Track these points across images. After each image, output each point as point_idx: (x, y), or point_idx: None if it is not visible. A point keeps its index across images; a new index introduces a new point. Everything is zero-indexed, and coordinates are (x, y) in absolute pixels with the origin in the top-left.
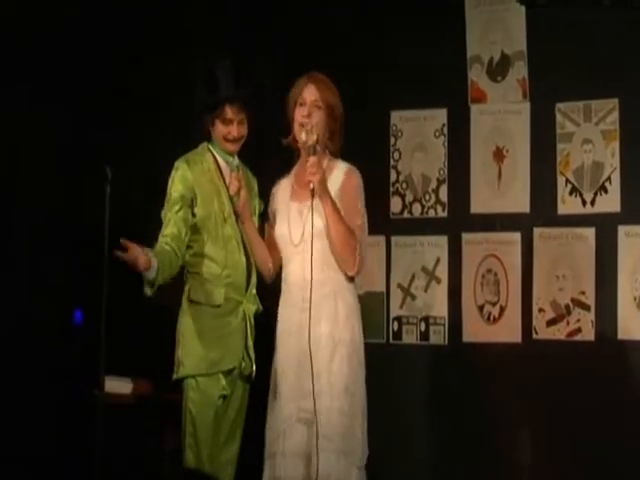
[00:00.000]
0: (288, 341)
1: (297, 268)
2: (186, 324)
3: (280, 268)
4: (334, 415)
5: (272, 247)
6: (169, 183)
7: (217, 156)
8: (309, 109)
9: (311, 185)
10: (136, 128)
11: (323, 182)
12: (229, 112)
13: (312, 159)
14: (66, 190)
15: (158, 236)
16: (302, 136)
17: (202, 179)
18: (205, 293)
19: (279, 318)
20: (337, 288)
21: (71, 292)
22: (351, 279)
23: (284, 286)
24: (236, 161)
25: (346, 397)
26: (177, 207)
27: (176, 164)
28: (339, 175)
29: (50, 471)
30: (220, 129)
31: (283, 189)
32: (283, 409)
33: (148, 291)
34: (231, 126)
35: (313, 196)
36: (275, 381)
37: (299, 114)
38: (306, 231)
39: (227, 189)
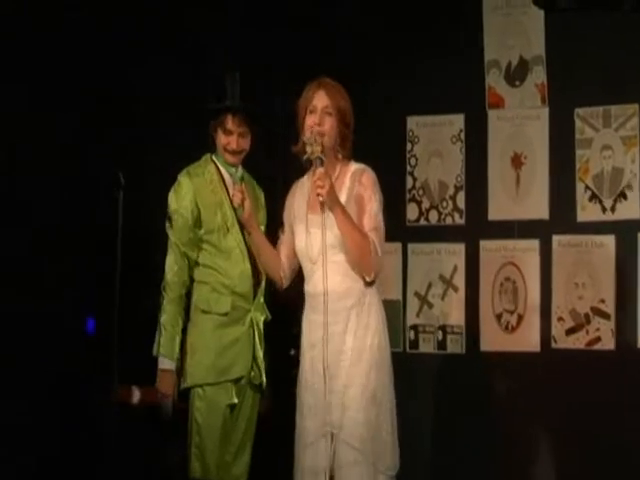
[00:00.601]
0: (311, 354)
1: (318, 281)
2: (193, 333)
3: (297, 274)
4: (362, 427)
5: (286, 254)
6: (171, 197)
7: (220, 167)
8: (320, 116)
9: (320, 198)
10: (149, 132)
11: (332, 193)
12: (230, 122)
13: (319, 172)
14: (78, 197)
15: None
16: (307, 149)
17: (204, 191)
18: (211, 302)
19: (303, 330)
20: (361, 298)
21: (84, 300)
22: (371, 285)
23: (306, 298)
24: (240, 172)
25: (373, 407)
26: (184, 235)
27: (179, 178)
28: (353, 176)
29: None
30: (221, 139)
31: (299, 198)
32: (308, 423)
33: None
34: (231, 137)
35: (323, 209)
36: (300, 395)
37: (310, 121)
38: (328, 248)
39: (230, 200)
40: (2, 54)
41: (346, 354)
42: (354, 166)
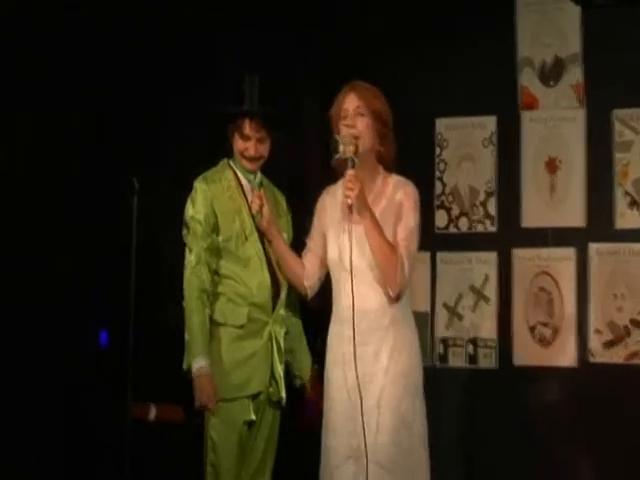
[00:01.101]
0: (338, 374)
1: (349, 296)
2: (210, 346)
3: (322, 284)
4: (393, 450)
5: (313, 262)
6: (188, 204)
7: (238, 173)
8: (352, 118)
9: (349, 201)
10: (164, 136)
11: (361, 197)
12: (247, 127)
13: (350, 173)
14: (90, 203)
15: (185, 263)
16: (339, 147)
17: (222, 197)
18: (227, 313)
19: (328, 347)
20: (397, 316)
21: (97, 312)
22: (405, 302)
23: (335, 311)
24: (258, 179)
25: (404, 430)
26: (203, 243)
27: (195, 184)
28: (396, 186)
29: None
30: (239, 144)
31: (332, 205)
32: (335, 444)
33: None
34: (249, 142)
35: (351, 212)
36: (327, 414)
37: (343, 126)
38: (357, 257)
39: (249, 206)
40: (4, 54)
41: (378, 375)
42: (397, 177)
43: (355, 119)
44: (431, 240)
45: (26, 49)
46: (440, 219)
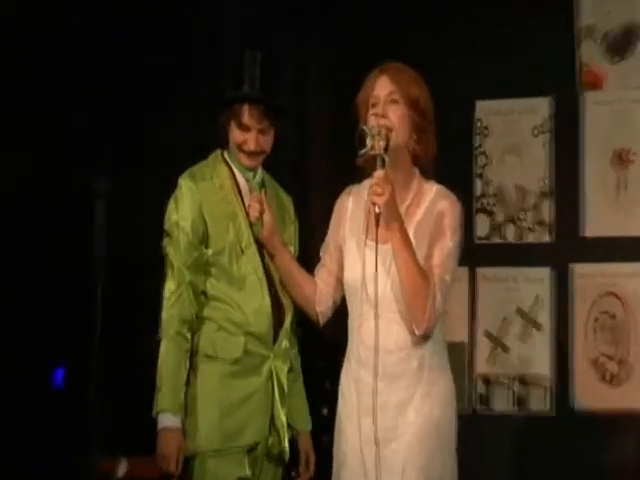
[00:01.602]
0: (352, 429)
1: (371, 333)
2: (194, 385)
3: (336, 308)
4: None
5: (327, 281)
6: (170, 206)
7: (234, 168)
8: (384, 107)
9: (376, 209)
10: (137, 122)
11: (391, 204)
12: (246, 115)
13: (378, 174)
14: (43, 207)
15: (164, 280)
16: (367, 141)
17: (213, 199)
18: (218, 344)
19: (341, 394)
20: (426, 357)
21: (51, 345)
22: (428, 338)
23: (351, 350)
24: (259, 177)
25: None
26: (187, 257)
27: (180, 181)
28: (437, 196)
29: None
30: (236, 136)
31: (356, 209)
32: None
33: None
34: (248, 134)
35: (378, 224)
36: (338, 474)
37: (372, 116)
38: (386, 285)
39: (246, 212)
40: None
41: (403, 431)
42: (437, 186)
43: (387, 108)
44: (469, 253)
45: None
46: (480, 226)
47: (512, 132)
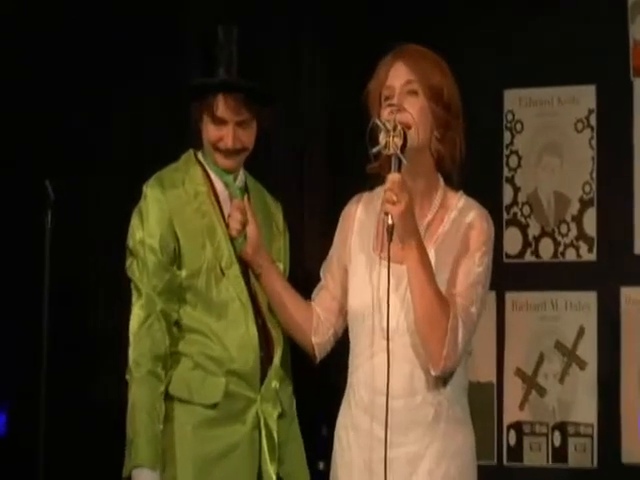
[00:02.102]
0: None
1: (381, 374)
2: (166, 434)
3: (336, 341)
4: None
5: (328, 307)
6: (134, 221)
7: (210, 172)
8: (400, 97)
9: (389, 220)
10: (94, 118)
11: (407, 214)
12: (221, 106)
13: (393, 177)
14: None
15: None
16: (380, 138)
17: (186, 210)
18: (193, 385)
19: (339, 447)
20: (444, 403)
21: None
22: (448, 380)
23: (352, 393)
24: (241, 181)
25: None
26: (157, 281)
27: (144, 189)
28: (465, 209)
29: None
30: (210, 131)
31: (366, 221)
32: None
33: None
34: (224, 129)
35: (391, 238)
36: None
37: (386, 108)
38: (400, 313)
39: (227, 224)
40: None
41: None
42: (465, 197)
43: (404, 100)
44: (497, 274)
45: None
46: (511, 242)
47: (550, 127)
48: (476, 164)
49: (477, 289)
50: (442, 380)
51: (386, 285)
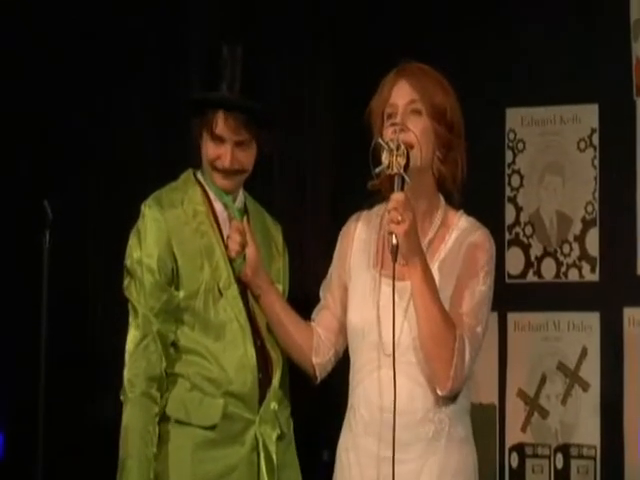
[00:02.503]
0: None
1: (386, 392)
2: (162, 458)
3: (337, 360)
4: None
5: (327, 327)
6: (132, 241)
7: (209, 192)
8: (403, 117)
9: (394, 240)
10: (91, 138)
11: (412, 235)
12: (221, 124)
13: (397, 197)
14: None
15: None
16: (383, 157)
17: (184, 230)
18: (191, 407)
19: (341, 460)
20: (445, 422)
21: None
22: (453, 400)
23: (353, 414)
24: (240, 202)
25: None
26: (154, 302)
27: (143, 209)
28: (467, 231)
29: None
30: (208, 149)
31: (365, 239)
32: None
33: None
34: (222, 147)
35: (395, 258)
36: None
37: (389, 128)
38: (402, 329)
39: (225, 245)
40: None
41: None
42: (466, 217)
43: (407, 119)
44: (499, 294)
45: None
46: (513, 262)
47: (553, 146)
48: (478, 183)
49: (482, 309)
50: (443, 398)
51: (387, 301)
